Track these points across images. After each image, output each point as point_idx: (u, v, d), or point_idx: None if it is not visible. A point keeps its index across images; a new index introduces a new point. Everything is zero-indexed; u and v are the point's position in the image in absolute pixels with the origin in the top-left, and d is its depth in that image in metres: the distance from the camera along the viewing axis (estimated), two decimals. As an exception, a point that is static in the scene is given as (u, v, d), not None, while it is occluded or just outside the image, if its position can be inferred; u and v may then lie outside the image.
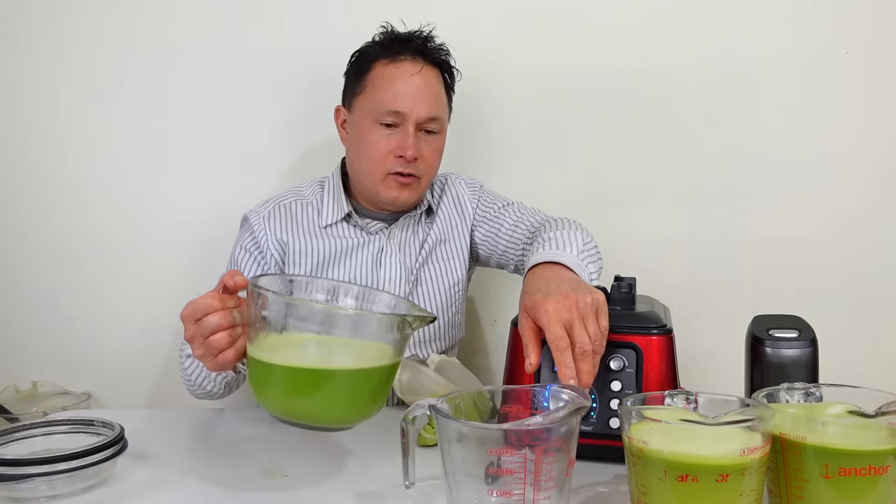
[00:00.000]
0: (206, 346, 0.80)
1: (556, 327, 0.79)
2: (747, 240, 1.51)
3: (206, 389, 1.15)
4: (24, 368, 1.63)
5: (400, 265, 1.25)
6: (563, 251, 0.99)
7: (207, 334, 0.79)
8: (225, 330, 0.79)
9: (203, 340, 0.80)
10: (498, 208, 1.30)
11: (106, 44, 1.58)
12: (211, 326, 0.79)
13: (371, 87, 1.20)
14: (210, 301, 0.80)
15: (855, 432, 0.64)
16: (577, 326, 0.79)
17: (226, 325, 0.79)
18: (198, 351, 0.81)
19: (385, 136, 1.18)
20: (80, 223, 1.62)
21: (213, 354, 0.80)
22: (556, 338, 0.78)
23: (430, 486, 0.77)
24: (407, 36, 1.22)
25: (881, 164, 1.48)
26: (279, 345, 0.73)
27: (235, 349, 0.80)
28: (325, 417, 0.74)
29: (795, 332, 0.81)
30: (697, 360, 1.44)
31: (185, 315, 0.82)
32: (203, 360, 0.82)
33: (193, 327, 0.80)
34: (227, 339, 0.80)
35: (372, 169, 1.20)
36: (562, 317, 0.80)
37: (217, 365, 0.81)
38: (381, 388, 0.75)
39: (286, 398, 0.74)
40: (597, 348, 0.79)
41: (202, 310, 0.80)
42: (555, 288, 0.84)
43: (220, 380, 1.13)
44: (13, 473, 0.73)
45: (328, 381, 0.73)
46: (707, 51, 1.49)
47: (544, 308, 0.80)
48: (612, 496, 0.77)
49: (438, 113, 1.21)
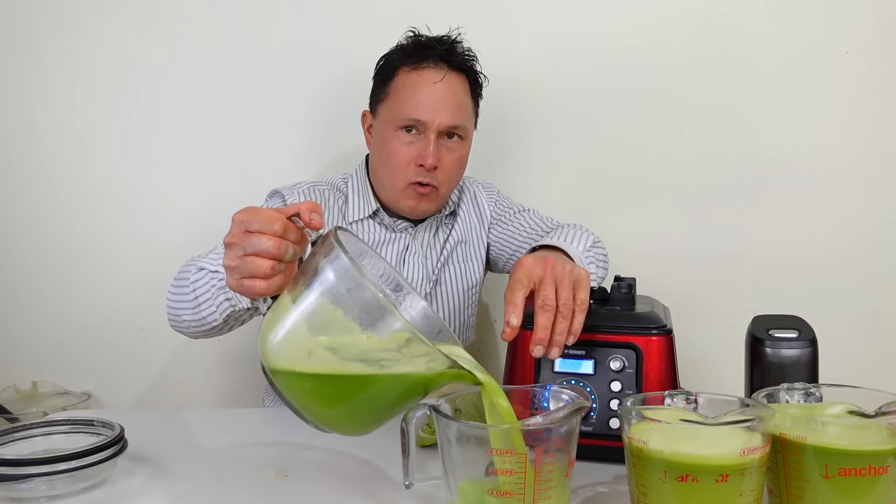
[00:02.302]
0: (242, 261, 0.71)
1: (521, 274, 0.79)
2: (747, 240, 1.52)
3: (199, 316, 0.98)
4: (24, 368, 1.63)
5: (422, 265, 1.26)
6: (568, 243, 0.99)
7: (250, 252, 0.70)
8: (271, 259, 0.70)
9: (242, 254, 0.71)
10: (513, 213, 1.31)
11: (114, 50, 1.58)
12: (258, 247, 0.69)
13: (394, 94, 1.19)
14: (271, 221, 0.70)
15: (855, 432, 0.64)
16: (547, 283, 0.79)
17: (273, 255, 0.70)
18: (230, 260, 0.72)
19: (406, 145, 1.17)
20: (81, 223, 1.62)
21: (243, 275, 0.71)
22: (516, 280, 0.78)
23: (430, 486, 0.76)
24: (431, 42, 1.19)
25: (881, 164, 1.48)
26: (322, 320, 0.66)
27: (269, 284, 0.71)
28: (333, 423, 0.70)
29: (795, 332, 0.81)
30: (697, 360, 1.44)
31: (237, 218, 0.72)
32: (228, 272, 0.73)
33: (240, 236, 0.71)
34: (266, 269, 0.70)
35: (393, 177, 1.19)
36: (534, 271, 0.80)
37: (240, 286, 0.72)
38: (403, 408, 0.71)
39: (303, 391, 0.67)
40: (563, 312, 0.78)
41: (259, 224, 0.70)
42: (543, 257, 0.83)
43: (224, 308, 0.96)
44: (13, 473, 0.73)
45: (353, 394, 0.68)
46: (707, 51, 1.49)
47: (521, 261, 0.81)
48: (612, 496, 0.77)
49: (461, 121, 1.19)
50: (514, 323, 0.77)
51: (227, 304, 0.95)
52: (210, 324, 0.99)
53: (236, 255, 0.71)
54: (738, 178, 1.51)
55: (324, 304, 0.66)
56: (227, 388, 1.66)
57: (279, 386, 0.68)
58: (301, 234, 0.72)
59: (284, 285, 0.72)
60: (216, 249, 1.02)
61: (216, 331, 1.02)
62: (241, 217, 0.71)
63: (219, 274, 0.94)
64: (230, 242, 0.72)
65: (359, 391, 0.67)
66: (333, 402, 0.68)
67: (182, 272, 1.01)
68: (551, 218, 1.29)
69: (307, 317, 0.67)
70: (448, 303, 1.28)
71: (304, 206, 0.71)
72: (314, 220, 0.71)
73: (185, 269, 1.01)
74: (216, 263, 0.95)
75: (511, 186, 1.49)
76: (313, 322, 0.67)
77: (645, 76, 1.51)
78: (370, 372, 0.65)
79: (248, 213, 0.71)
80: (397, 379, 0.66)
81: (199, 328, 1.01)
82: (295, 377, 0.67)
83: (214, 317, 0.97)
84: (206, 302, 0.96)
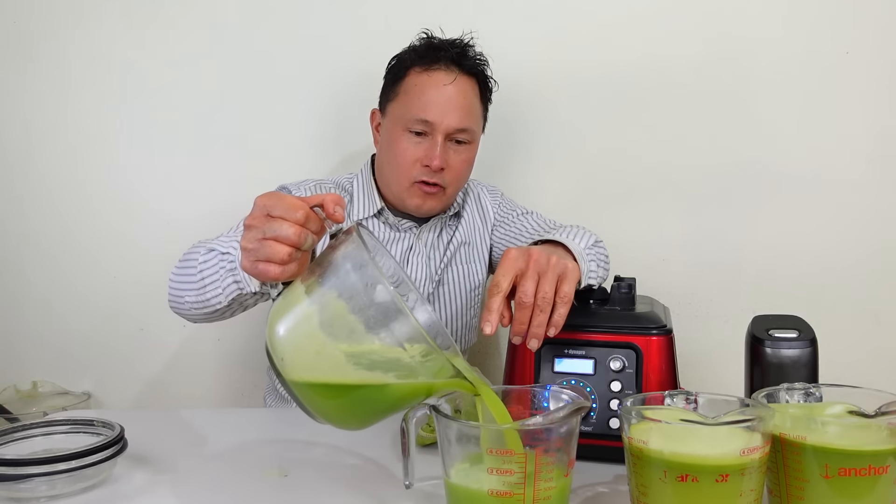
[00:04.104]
0: (260, 244, 0.71)
1: (501, 274, 0.79)
2: (747, 240, 1.52)
3: (203, 297, 0.96)
4: (24, 368, 1.63)
5: (425, 266, 1.26)
6: (570, 240, 0.99)
7: (270, 236, 0.70)
8: (289, 246, 0.70)
9: (261, 238, 0.70)
10: (517, 215, 1.32)
11: (114, 50, 1.58)
12: (278, 232, 0.69)
13: (404, 94, 1.19)
14: (294, 209, 0.70)
15: (855, 432, 0.64)
16: (528, 277, 0.79)
17: (292, 242, 0.70)
18: (248, 242, 0.72)
19: (413, 144, 1.18)
20: (81, 223, 1.62)
21: (259, 258, 0.71)
22: (495, 283, 0.79)
23: (430, 486, 0.76)
24: (444, 44, 1.20)
25: (882, 164, 1.48)
26: (334, 315, 0.65)
27: (284, 270, 0.71)
28: (329, 417, 0.70)
29: (795, 332, 0.81)
30: (697, 360, 1.44)
31: (260, 202, 0.72)
32: (244, 253, 0.73)
33: (262, 219, 0.71)
34: (283, 255, 0.70)
35: (399, 176, 1.19)
36: (517, 265, 0.80)
37: (254, 269, 0.72)
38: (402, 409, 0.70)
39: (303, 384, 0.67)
40: (541, 305, 0.79)
41: (281, 210, 0.70)
42: (528, 248, 0.84)
43: (230, 291, 0.93)
44: (13, 473, 0.73)
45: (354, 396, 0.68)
46: (708, 52, 1.49)
47: (506, 253, 0.81)
48: (612, 496, 0.77)
49: (469, 124, 1.19)
50: (487, 331, 0.77)
51: (235, 286, 0.92)
52: (213, 306, 0.96)
53: (255, 238, 0.71)
54: (739, 178, 1.51)
55: (337, 300, 0.66)
56: (227, 388, 1.66)
57: (281, 373, 0.67)
58: (322, 225, 0.72)
59: (298, 273, 0.72)
60: (227, 233, 1.02)
61: (218, 314, 0.99)
62: (265, 201, 0.71)
63: (229, 256, 0.93)
64: (250, 224, 0.72)
65: (359, 394, 0.67)
66: (333, 399, 0.68)
67: (189, 253, 1.00)
68: (554, 221, 1.29)
69: (318, 310, 0.67)
70: (451, 304, 1.28)
71: (329, 198, 0.71)
72: (337, 213, 0.71)
73: (193, 250, 0.99)
74: (227, 245, 0.94)
75: (512, 187, 1.49)
76: (324, 316, 0.67)
77: (645, 77, 1.51)
78: (374, 381, 0.65)
79: (271, 198, 0.71)
80: (400, 386, 0.66)
81: (200, 310, 0.98)
82: (298, 369, 0.67)
83: (219, 299, 0.95)
84: (213, 283, 0.94)
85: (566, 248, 0.95)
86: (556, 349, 0.88)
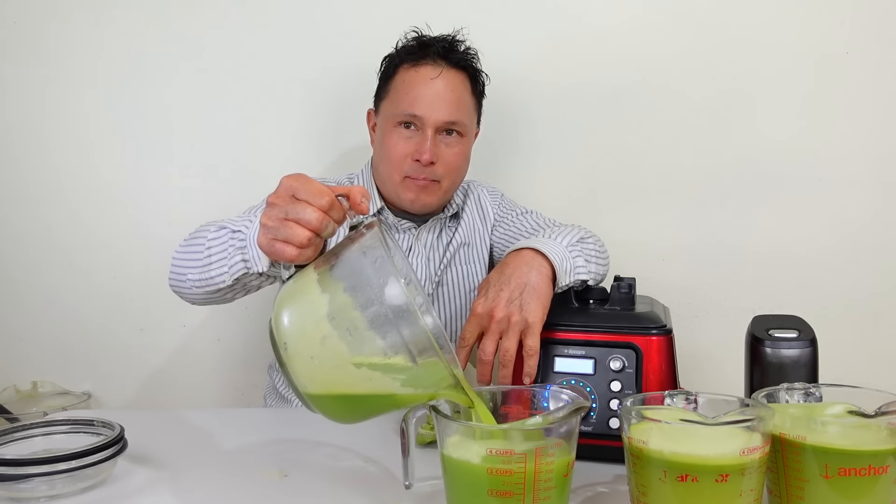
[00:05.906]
0: (281, 223, 0.71)
1: (467, 327, 0.89)
2: (747, 240, 1.51)
3: (207, 275, 0.93)
4: (24, 368, 1.63)
5: (425, 266, 1.26)
6: (548, 240, 0.99)
7: (292, 218, 0.70)
8: (310, 231, 0.70)
9: (283, 217, 0.71)
10: (516, 214, 1.32)
11: (113, 50, 1.58)
12: (301, 215, 0.70)
13: (394, 91, 1.21)
14: (320, 195, 0.70)
15: (855, 432, 0.64)
16: (488, 336, 0.88)
17: (314, 227, 0.70)
18: (269, 220, 0.72)
19: (404, 139, 1.18)
20: (81, 223, 1.62)
21: (278, 237, 0.71)
22: (461, 336, 0.90)
23: (430, 486, 0.76)
24: (431, 40, 1.21)
25: (882, 164, 1.48)
26: (343, 308, 0.65)
27: (301, 253, 0.71)
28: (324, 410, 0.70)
29: (795, 332, 0.81)
30: (697, 360, 1.44)
31: (286, 183, 0.72)
32: (262, 229, 0.73)
33: (286, 199, 0.71)
34: (302, 239, 0.70)
35: (391, 171, 1.20)
36: (482, 323, 0.89)
37: (270, 247, 0.72)
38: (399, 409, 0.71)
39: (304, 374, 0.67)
40: (503, 361, 0.85)
41: (306, 194, 0.70)
42: (506, 286, 0.90)
43: (236, 269, 0.89)
44: (13, 473, 0.73)
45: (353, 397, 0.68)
46: (708, 52, 1.49)
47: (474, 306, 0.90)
48: (612, 496, 0.77)
49: (458, 117, 1.19)
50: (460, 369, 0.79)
51: (243, 265, 0.88)
52: (216, 285, 0.93)
53: (277, 216, 0.71)
54: (739, 177, 1.51)
55: (348, 292, 0.66)
56: (227, 388, 1.66)
57: (283, 357, 0.67)
58: (343, 215, 0.73)
59: (312, 258, 0.73)
60: (243, 214, 1.03)
61: (220, 294, 0.97)
62: (291, 182, 0.72)
63: (240, 234, 0.90)
64: (274, 203, 0.72)
65: (359, 395, 0.67)
66: (330, 391, 0.68)
67: (198, 231, 0.98)
68: (554, 220, 1.29)
69: (327, 301, 0.67)
70: (450, 305, 1.28)
71: (356, 190, 0.72)
72: (363, 205, 0.72)
73: (202, 228, 0.97)
74: (239, 224, 0.92)
75: (511, 186, 1.49)
76: (332, 308, 0.67)
77: (646, 77, 1.51)
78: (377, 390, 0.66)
79: (298, 180, 0.71)
80: (400, 394, 0.66)
81: (202, 289, 0.95)
82: (300, 359, 0.67)
83: (223, 277, 0.91)
84: (220, 261, 0.91)
85: (543, 255, 0.95)
86: (556, 349, 0.88)
